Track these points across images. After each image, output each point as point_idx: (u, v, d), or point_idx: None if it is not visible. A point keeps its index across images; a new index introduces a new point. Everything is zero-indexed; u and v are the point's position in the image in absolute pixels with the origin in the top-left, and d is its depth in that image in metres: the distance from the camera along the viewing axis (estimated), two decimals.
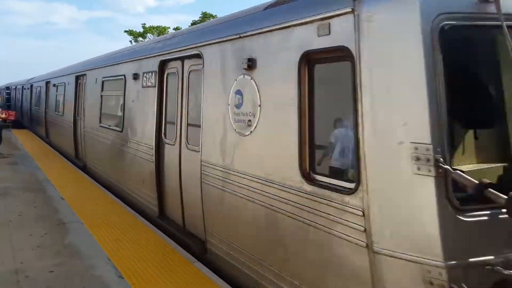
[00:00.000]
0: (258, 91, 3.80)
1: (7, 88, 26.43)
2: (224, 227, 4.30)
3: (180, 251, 4.93)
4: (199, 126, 4.75)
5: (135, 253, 4.84)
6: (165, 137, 5.80)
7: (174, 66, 5.66)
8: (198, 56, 4.86)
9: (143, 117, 6.45)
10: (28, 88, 20.95)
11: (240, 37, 4.13)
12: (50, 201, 7.08)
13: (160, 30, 41.44)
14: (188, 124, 5.23)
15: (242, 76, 4.02)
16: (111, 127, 7.99)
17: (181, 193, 5.30)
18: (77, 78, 10.98)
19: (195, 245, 4.85)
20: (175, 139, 5.48)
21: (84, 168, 9.94)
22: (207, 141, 4.57)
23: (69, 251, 4.83)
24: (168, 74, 5.86)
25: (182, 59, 5.43)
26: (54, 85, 14.20)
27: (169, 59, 5.74)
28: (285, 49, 3.50)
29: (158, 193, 5.85)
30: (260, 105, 3.77)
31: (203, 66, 4.73)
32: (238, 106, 4.08)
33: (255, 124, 3.81)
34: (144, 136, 6.32)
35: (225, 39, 4.37)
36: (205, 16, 38.50)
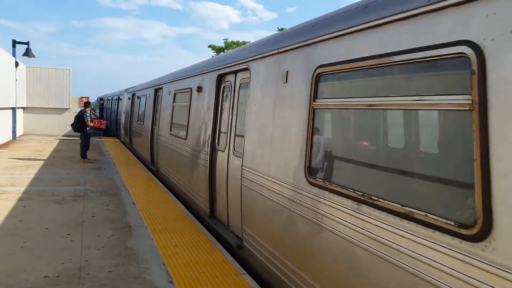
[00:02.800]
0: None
1: (101, 99, 28.99)
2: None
3: (231, 261, 4.98)
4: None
5: (189, 260, 4.98)
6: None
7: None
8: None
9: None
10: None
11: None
12: (122, 205, 7.57)
13: (239, 45, 42.80)
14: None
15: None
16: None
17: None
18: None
19: None
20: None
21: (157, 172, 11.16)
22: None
23: (129, 253, 5.12)
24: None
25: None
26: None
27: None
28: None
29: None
30: None
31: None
32: None
33: None
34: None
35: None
36: (281, 30, 39.07)
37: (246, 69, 5.42)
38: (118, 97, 22.24)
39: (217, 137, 6.50)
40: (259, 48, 5.15)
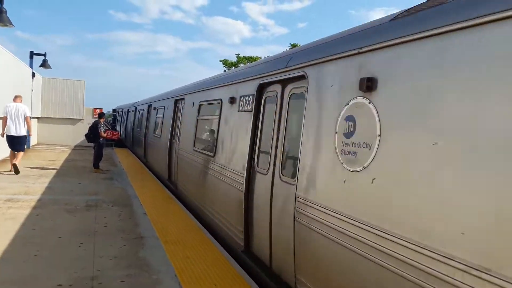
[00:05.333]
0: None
1: (114, 110, 29.40)
2: None
3: (243, 275, 4.96)
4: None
5: (200, 272, 4.97)
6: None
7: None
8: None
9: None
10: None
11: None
12: (134, 216, 7.60)
13: (251, 60, 43.14)
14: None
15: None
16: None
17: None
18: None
19: None
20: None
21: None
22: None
23: (141, 264, 5.12)
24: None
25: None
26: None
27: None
28: None
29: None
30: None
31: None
32: None
33: None
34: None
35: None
36: (293, 46, 39.33)
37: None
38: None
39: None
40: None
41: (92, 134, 13.12)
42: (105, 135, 13.75)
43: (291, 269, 4.22)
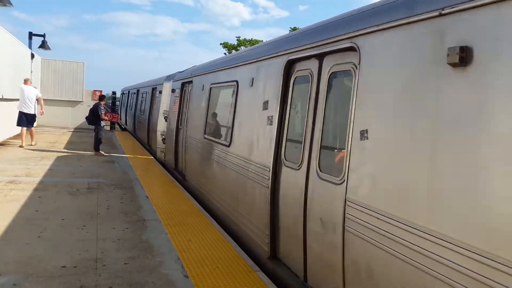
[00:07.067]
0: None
1: (113, 93, 29.21)
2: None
3: (245, 258, 5.01)
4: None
5: (203, 254, 5.02)
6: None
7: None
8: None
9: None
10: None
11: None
12: (136, 198, 7.64)
13: (252, 43, 42.77)
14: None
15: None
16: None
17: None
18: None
19: None
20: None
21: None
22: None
23: (144, 247, 5.17)
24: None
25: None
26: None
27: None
28: None
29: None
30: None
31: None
32: None
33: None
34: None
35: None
36: (294, 30, 38.92)
37: None
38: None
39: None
40: None
41: (93, 116, 13.07)
42: (106, 117, 13.71)
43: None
